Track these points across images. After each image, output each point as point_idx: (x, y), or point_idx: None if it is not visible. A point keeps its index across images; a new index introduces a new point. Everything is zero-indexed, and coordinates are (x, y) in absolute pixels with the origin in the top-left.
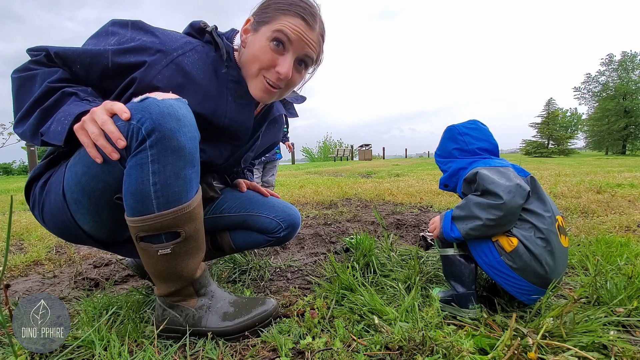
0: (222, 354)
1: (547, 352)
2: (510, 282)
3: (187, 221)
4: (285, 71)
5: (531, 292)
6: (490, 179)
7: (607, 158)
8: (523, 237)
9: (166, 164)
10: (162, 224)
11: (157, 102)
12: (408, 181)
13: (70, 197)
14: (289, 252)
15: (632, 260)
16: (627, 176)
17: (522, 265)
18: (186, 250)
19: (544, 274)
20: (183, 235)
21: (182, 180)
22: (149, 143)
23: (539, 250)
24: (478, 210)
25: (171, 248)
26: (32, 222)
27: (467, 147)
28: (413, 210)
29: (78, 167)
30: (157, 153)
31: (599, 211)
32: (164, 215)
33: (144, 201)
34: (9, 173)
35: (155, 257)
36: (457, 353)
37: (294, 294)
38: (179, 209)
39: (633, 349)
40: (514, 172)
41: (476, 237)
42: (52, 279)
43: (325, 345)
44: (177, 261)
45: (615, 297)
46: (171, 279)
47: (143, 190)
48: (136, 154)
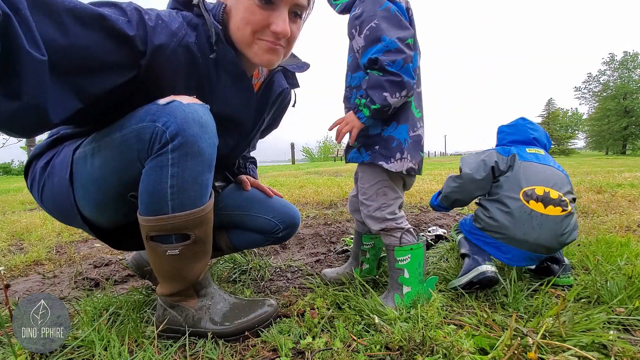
0: (222, 354)
1: (547, 351)
2: (487, 242)
3: (199, 225)
4: (282, 28)
5: (502, 250)
6: (464, 159)
7: (608, 158)
8: (485, 204)
9: (185, 168)
10: (174, 225)
11: (182, 106)
12: None
13: (80, 184)
14: (289, 252)
15: (632, 260)
16: (628, 176)
17: (485, 225)
18: (194, 253)
19: (510, 234)
20: (193, 238)
21: (199, 185)
22: (171, 147)
23: (497, 213)
24: (448, 181)
25: (180, 249)
26: (32, 222)
27: (501, 142)
28: (413, 210)
29: (95, 159)
30: (178, 157)
31: (599, 211)
32: (177, 217)
33: (160, 202)
34: (9, 173)
35: (163, 257)
36: (457, 353)
37: (294, 294)
38: (192, 212)
39: (633, 349)
40: (490, 153)
41: (451, 204)
42: (52, 279)
43: (326, 345)
44: (184, 263)
45: (616, 297)
46: (176, 280)
47: (160, 191)
48: (158, 156)
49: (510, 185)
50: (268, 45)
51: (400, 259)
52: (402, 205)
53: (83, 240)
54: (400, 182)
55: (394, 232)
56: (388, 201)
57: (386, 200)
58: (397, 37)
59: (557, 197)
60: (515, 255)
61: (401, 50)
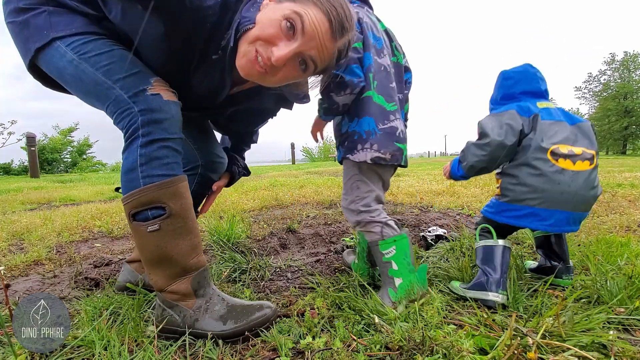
0: (222, 354)
1: (547, 351)
2: (522, 214)
3: (171, 197)
4: (280, 55)
5: (542, 217)
6: (485, 123)
7: (608, 158)
8: (511, 172)
9: (152, 150)
10: (147, 198)
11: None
12: (408, 181)
13: (45, 66)
14: (289, 252)
15: (632, 260)
16: (628, 176)
17: (516, 194)
18: (174, 228)
19: (547, 196)
20: (168, 210)
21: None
22: (142, 132)
23: (527, 177)
24: (473, 150)
25: (159, 224)
26: (32, 222)
27: (509, 91)
28: (413, 210)
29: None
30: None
31: (600, 211)
32: (149, 189)
33: (134, 180)
34: (9, 173)
35: (146, 237)
36: (457, 353)
37: (294, 294)
38: (162, 183)
39: (633, 349)
40: (512, 114)
41: (476, 172)
42: (53, 279)
43: (325, 345)
44: (166, 240)
45: (616, 297)
46: (163, 263)
47: (133, 171)
48: (131, 142)
49: (535, 147)
50: (254, 56)
51: (386, 252)
52: (379, 198)
53: (83, 240)
54: (374, 175)
55: (373, 227)
56: (361, 194)
57: (359, 193)
58: None
59: (581, 152)
60: (558, 219)
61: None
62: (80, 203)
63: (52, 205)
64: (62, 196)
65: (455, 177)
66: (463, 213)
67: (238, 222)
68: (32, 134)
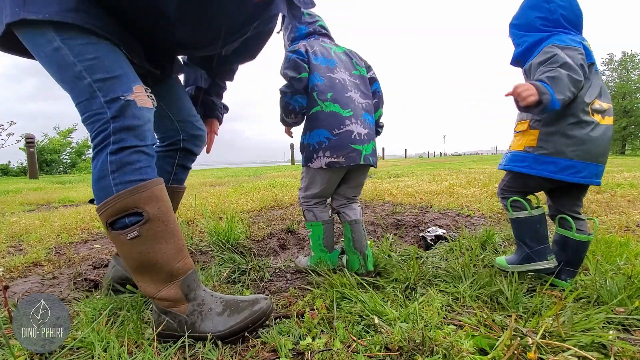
0: (221, 355)
1: (546, 352)
2: (560, 167)
3: (147, 201)
4: None
5: (577, 169)
6: (572, 56)
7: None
8: (552, 123)
9: (123, 156)
10: (122, 204)
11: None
12: (408, 181)
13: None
14: (288, 253)
15: (631, 260)
16: (627, 176)
17: (554, 147)
18: (155, 233)
19: (586, 148)
20: (146, 215)
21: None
22: (113, 139)
23: (571, 128)
24: (569, 83)
25: (137, 231)
26: (31, 223)
27: (551, 15)
28: (413, 210)
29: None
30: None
31: (599, 211)
32: (122, 195)
33: (106, 188)
34: (7, 174)
35: (127, 245)
36: (457, 353)
37: (293, 295)
38: (135, 188)
39: (632, 349)
40: (582, 54)
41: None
42: (52, 280)
43: (325, 346)
44: (148, 245)
45: (615, 297)
46: (149, 270)
47: (105, 179)
48: (101, 150)
49: (581, 100)
50: None
51: (307, 231)
52: (319, 195)
53: (82, 242)
54: (324, 177)
55: (305, 214)
56: (305, 190)
57: (307, 190)
58: (289, 77)
59: (607, 108)
60: (591, 171)
61: (285, 86)
62: (79, 204)
63: (51, 207)
64: (61, 197)
65: (553, 108)
66: (462, 213)
67: (237, 223)
68: (31, 135)
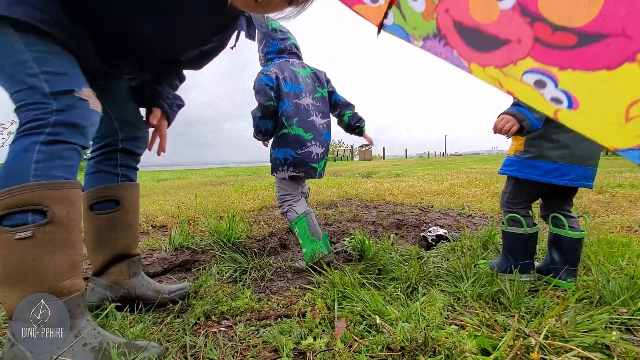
0: (223, 355)
1: (549, 352)
2: (545, 170)
3: (58, 201)
4: None
5: (563, 172)
6: None
7: (608, 158)
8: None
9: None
10: (26, 197)
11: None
12: (408, 181)
13: None
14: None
15: (634, 260)
16: (628, 176)
17: (541, 150)
18: (51, 239)
19: (571, 151)
20: (50, 215)
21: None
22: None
23: (551, 131)
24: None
25: (32, 231)
26: None
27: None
28: (413, 210)
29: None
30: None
31: (600, 211)
32: (32, 186)
33: (16, 177)
34: None
35: (11, 246)
36: (459, 354)
37: (294, 294)
38: (49, 182)
39: (636, 350)
40: None
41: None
42: None
43: (327, 346)
44: (39, 252)
45: (618, 298)
46: (24, 282)
47: (21, 165)
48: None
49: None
50: None
51: (295, 231)
52: (292, 198)
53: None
54: (292, 184)
55: (287, 215)
56: (280, 196)
57: (279, 194)
58: (258, 102)
59: None
60: (579, 174)
61: (256, 109)
62: None
63: None
64: None
65: (537, 128)
66: (463, 213)
67: (238, 222)
68: None
